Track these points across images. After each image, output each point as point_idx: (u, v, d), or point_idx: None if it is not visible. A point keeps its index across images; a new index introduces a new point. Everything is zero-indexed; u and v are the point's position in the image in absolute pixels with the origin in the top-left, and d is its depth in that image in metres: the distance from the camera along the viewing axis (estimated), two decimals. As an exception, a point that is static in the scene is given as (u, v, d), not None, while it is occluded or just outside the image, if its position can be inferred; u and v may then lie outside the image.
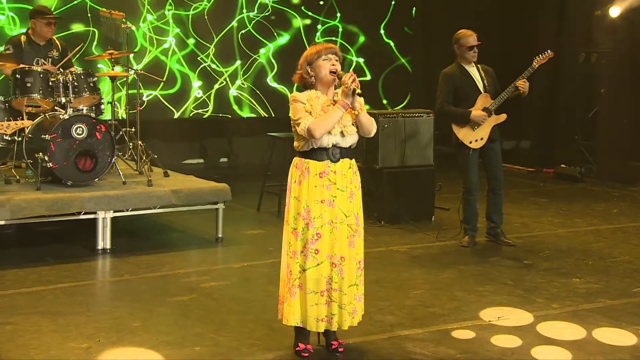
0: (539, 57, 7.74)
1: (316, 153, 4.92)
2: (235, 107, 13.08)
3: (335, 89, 5.00)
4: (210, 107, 12.85)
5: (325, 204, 4.90)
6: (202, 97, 12.76)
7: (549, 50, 7.77)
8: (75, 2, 11.57)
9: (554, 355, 5.19)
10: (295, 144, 5.01)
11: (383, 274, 6.99)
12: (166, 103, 12.50)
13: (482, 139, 7.72)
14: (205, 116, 12.86)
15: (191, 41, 12.58)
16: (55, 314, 5.76)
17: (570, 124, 12.81)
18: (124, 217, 7.80)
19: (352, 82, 4.80)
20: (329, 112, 4.85)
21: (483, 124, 7.67)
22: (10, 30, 10.98)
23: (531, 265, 7.34)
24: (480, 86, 7.78)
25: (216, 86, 12.85)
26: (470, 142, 7.72)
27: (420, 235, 8.37)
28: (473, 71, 7.81)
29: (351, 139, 4.98)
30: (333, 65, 4.92)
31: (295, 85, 5.20)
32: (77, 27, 11.57)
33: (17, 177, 7.86)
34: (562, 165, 12.27)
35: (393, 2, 14.29)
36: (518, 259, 7.55)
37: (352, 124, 4.95)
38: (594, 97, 12.46)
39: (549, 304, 6.19)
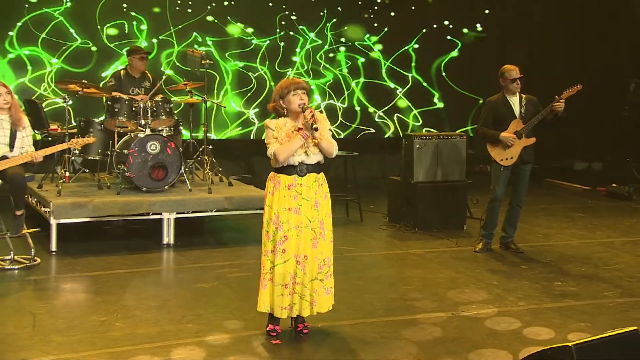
0: (569, 89, 7.72)
1: (286, 169, 5.24)
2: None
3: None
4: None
5: (292, 211, 5.21)
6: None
7: (578, 84, 7.75)
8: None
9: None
10: (271, 161, 5.34)
11: (387, 272, 7.16)
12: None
13: (512, 158, 7.75)
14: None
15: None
16: (96, 293, 6.28)
17: (623, 146, 12.44)
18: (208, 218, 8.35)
19: (310, 118, 5.10)
20: (291, 141, 5.16)
21: (513, 145, 7.72)
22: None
23: (526, 269, 7.29)
24: (517, 113, 7.82)
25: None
26: (501, 160, 7.77)
27: (443, 241, 8.44)
28: (514, 100, 7.83)
29: (315, 158, 5.27)
30: (301, 99, 5.22)
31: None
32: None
33: (109, 183, 8.54)
34: (613, 185, 11.90)
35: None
36: (518, 264, 7.51)
37: (314, 146, 5.24)
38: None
39: (516, 302, 6.20)
